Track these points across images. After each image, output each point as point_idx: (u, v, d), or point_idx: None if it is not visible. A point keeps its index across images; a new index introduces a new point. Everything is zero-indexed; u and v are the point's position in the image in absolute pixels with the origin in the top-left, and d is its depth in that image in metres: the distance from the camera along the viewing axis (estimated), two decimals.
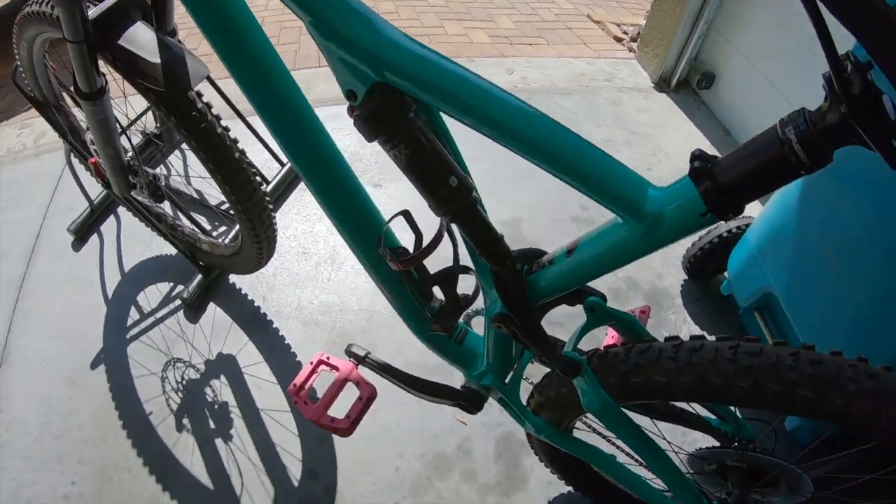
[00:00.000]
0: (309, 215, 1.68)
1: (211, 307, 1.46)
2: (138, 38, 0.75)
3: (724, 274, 1.42)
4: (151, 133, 1.21)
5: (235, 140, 0.98)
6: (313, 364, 0.79)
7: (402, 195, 1.68)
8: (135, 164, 1.02)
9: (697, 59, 2.19)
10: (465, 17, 2.91)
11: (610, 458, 0.82)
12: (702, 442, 1.11)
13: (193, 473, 1.18)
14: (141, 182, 1.04)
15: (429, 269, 0.68)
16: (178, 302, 1.46)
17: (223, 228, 1.62)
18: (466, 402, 0.75)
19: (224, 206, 1.58)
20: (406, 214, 0.64)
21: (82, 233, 1.63)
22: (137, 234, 1.61)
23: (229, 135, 0.98)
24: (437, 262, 0.59)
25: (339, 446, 1.20)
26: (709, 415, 0.81)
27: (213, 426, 1.25)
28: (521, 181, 1.80)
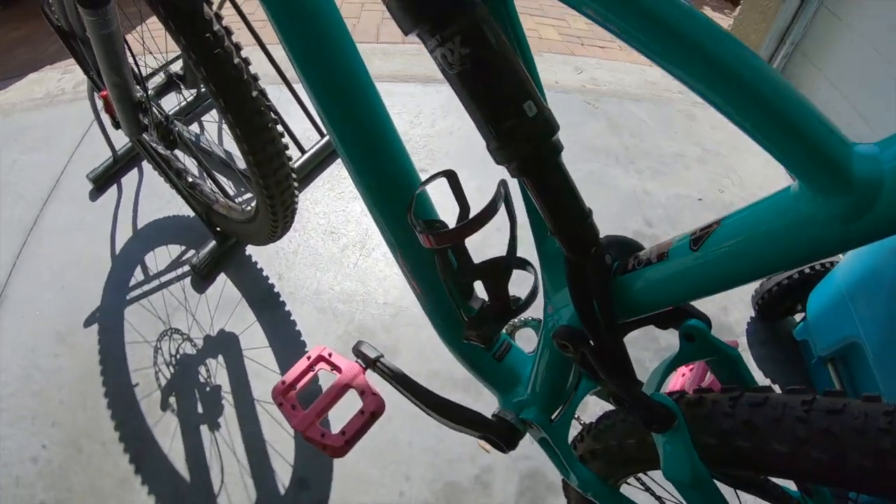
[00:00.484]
0: (343, 192, 1.53)
1: (220, 279, 1.32)
2: None
3: (797, 316, 1.28)
4: (174, 73, 1.08)
5: (256, 78, 0.83)
6: (311, 359, 0.63)
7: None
8: (145, 101, 0.88)
9: None
10: (536, 12, 2.77)
11: None
12: None
13: (170, 459, 1.04)
14: (151, 122, 0.91)
15: (473, 258, 0.51)
16: (187, 268, 1.33)
17: (248, 196, 1.50)
18: (497, 436, 0.58)
19: None
20: (450, 176, 0.47)
21: (101, 182, 1.54)
22: (157, 191, 1.51)
23: (250, 70, 0.83)
24: (481, 252, 0.42)
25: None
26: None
27: (202, 410, 1.10)
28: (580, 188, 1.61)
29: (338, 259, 1.37)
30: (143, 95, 0.92)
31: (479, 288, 0.53)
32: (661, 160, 1.73)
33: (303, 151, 1.53)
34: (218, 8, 1.04)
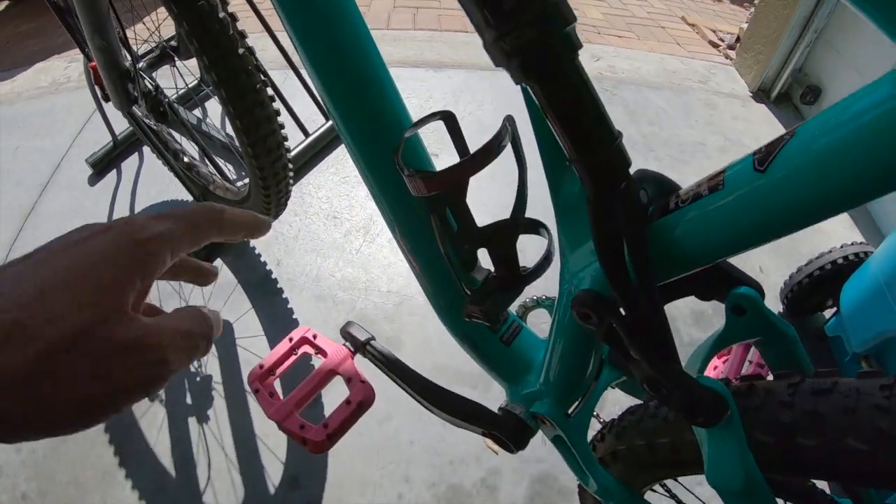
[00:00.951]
0: (348, 176, 1.46)
1: (216, 264, 1.26)
2: None
3: (825, 312, 1.20)
4: (166, 43, 1.02)
5: (252, 51, 0.77)
6: (293, 342, 0.55)
7: None
8: (133, 69, 0.82)
9: (802, 70, 1.90)
10: None
11: None
12: None
13: (156, 452, 0.98)
14: (140, 93, 0.84)
15: (476, 222, 0.44)
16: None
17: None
18: (504, 433, 0.49)
19: None
20: (448, 117, 0.40)
21: (101, 167, 1.49)
22: (156, 176, 1.45)
23: (247, 44, 0.77)
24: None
25: (332, 455, 0.96)
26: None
27: (191, 401, 1.04)
28: None
29: (340, 245, 1.30)
30: (132, 64, 0.85)
31: (485, 260, 0.45)
32: (682, 149, 1.64)
33: (307, 134, 1.47)
34: None
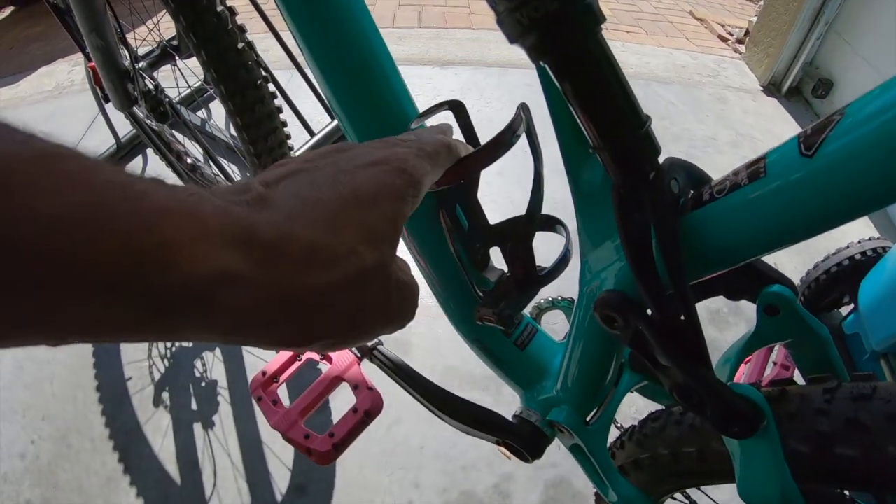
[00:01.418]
0: None
1: None
2: None
3: (842, 309, 1.14)
4: (168, 43, 1.01)
5: (252, 45, 0.74)
6: None
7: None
8: (132, 68, 0.80)
9: (813, 63, 1.87)
10: None
11: None
12: None
13: (161, 459, 0.96)
14: (140, 93, 0.83)
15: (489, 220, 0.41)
16: None
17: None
18: (518, 442, 0.47)
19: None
20: (457, 107, 0.37)
21: None
22: (160, 178, 1.44)
23: (247, 38, 0.75)
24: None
25: (339, 461, 0.94)
26: None
27: (196, 407, 1.02)
28: None
29: None
30: (131, 63, 0.84)
31: (498, 260, 0.42)
32: (693, 144, 1.61)
33: (312, 134, 1.45)
34: None
